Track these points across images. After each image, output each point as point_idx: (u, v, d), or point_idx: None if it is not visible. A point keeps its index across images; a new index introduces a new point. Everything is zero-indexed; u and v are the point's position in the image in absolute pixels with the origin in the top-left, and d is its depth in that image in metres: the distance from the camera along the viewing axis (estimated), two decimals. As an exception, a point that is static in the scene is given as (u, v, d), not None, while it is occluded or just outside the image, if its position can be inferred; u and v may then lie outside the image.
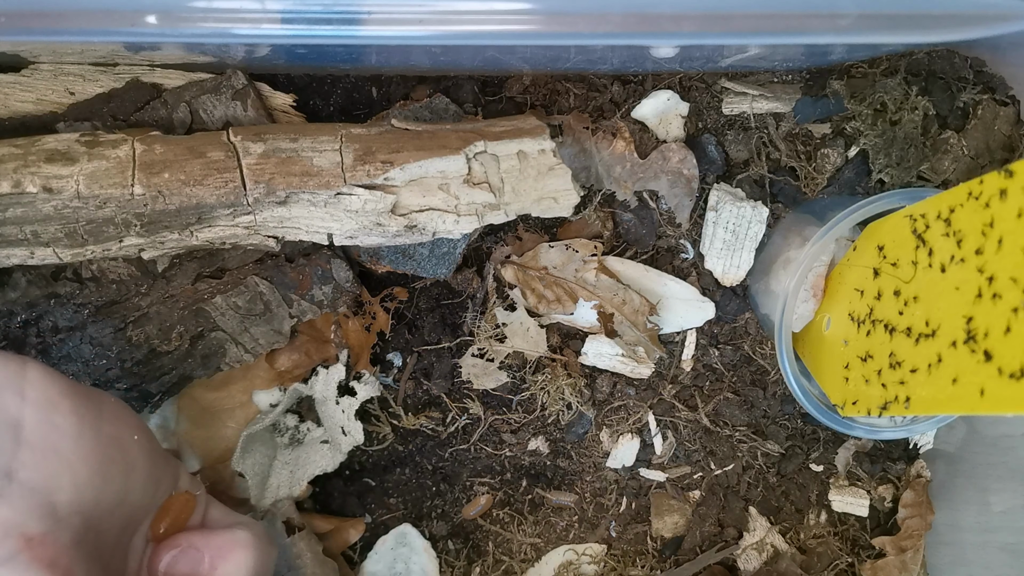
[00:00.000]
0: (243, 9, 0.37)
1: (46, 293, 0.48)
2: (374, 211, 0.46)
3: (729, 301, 0.57)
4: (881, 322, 0.45)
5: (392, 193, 0.46)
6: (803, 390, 0.51)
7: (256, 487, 0.55)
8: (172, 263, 0.50)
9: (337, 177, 0.45)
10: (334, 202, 0.45)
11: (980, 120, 0.53)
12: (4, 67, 0.47)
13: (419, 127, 0.48)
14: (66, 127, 0.47)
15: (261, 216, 0.45)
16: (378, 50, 0.47)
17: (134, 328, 0.48)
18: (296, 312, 0.51)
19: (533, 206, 0.48)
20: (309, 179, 0.45)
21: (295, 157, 0.45)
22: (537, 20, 0.38)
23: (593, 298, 0.54)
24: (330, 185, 0.45)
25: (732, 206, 0.54)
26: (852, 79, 0.54)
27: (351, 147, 0.45)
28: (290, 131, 0.46)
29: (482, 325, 0.56)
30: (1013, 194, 0.35)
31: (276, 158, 0.45)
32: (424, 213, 0.47)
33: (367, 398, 0.55)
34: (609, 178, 0.55)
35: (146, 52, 0.46)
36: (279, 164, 0.45)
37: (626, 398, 0.58)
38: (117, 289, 0.49)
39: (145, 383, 0.49)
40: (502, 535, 0.59)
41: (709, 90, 0.55)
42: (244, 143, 0.45)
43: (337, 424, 0.54)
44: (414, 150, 0.46)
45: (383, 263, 0.53)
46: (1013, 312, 0.34)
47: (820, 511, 0.60)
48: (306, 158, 0.45)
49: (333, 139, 0.46)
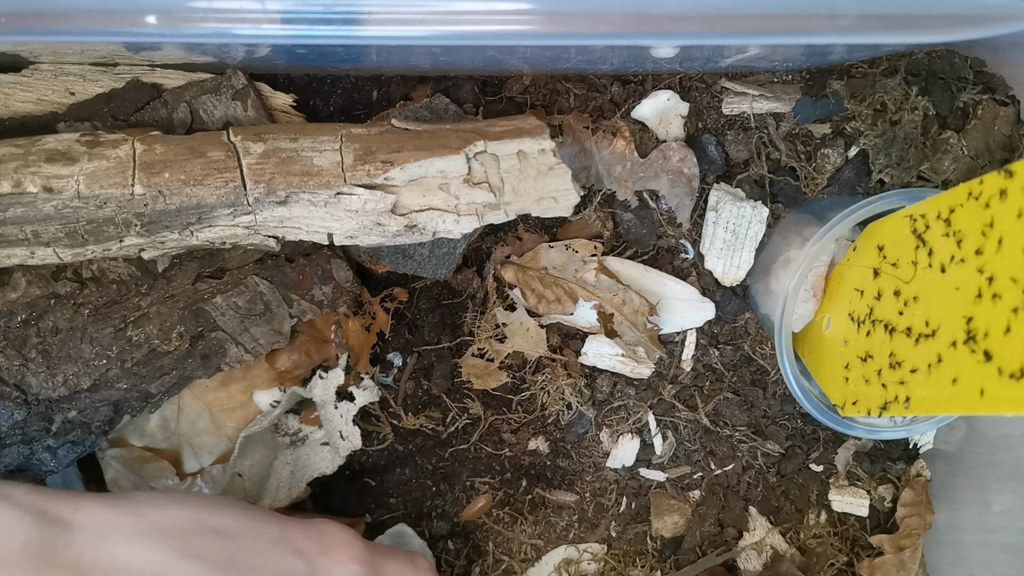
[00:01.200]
0: (243, 9, 0.37)
1: (46, 293, 0.48)
2: (374, 211, 0.46)
3: (729, 301, 0.57)
4: (881, 322, 0.45)
5: (392, 193, 0.46)
6: (803, 390, 0.51)
7: (254, 488, 0.55)
8: (172, 263, 0.50)
9: (337, 177, 0.45)
10: (334, 202, 0.45)
11: (980, 120, 0.53)
12: (4, 67, 0.47)
13: (419, 127, 0.48)
14: (66, 127, 0.47)
15: (261, 216, 0.45)
16: (378, 50, 0.47)
17: (134, 328, 0.48)
18: (296, 312, 0.51)
19: (533, 206, 0.48)
20: (309, 179, 0.45)
21: (295, 157, 0.45)
22: (537, 20, 0.38)
23: (593, 298, 0.54)
24: (330, 185, 0.45)
25: (732, 206, 0.54)
26: (852, 79, 0.54)
27: (351, 147, 0.45)
28: (290, 131, 0.46)
29: (482, 325, 0.56)
30: (1013, 194, 0.35)
31: (276, 158, 0.45)
32: (424, 213, 0.47)
33: (365, 403, 0.55)
34: (609, 178, 0.55)
35: (146, 52, 0.46)
36: (279, 164, 0.45)
37: (626, 398, 0.58)
38: (117, 289, 0.49)
39: (145, 383, 0.49)
40: (502, 535, 0.59)
41: (709, 90, 0.55)
42: (244, 143, 0.45)
43: (336, 428, 0.54)
44: (414, 150, 0.46)
45: (383, 263, 0.53)
46: (1013, 312, 0.34)
47: (820, 511, 0.60)
48: (306, 158, 0.45)
49: (333, 139, 0.46)
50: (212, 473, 0.54)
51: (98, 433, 0.50)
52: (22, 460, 0.49)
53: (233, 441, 0.53)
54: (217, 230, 0.45)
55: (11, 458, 0.48)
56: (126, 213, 0.44)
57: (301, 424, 0.56)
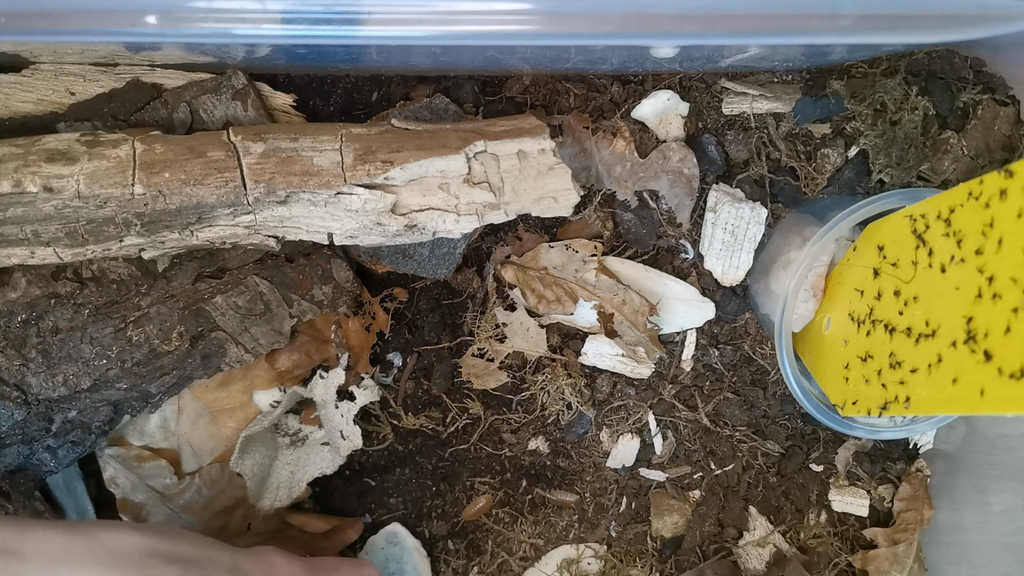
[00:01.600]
0: (243, 9, 0.37)
1: (46, 293, 0.48)
2: (374, 211, 0.46)
3: (729, 301, 0.57)
4: (881, 322, 0.45)
5: (392, 193, 0.46)
6: (803, 390, 0.51)
7: (254, 487, 0.55)
8: (172, 263, 0.50)
9: (337, 177, 0.45)
10: (334, 201, 0.45)
11: (980, 120, 0.53)
12: (4, 67, 0.47)
13: (419, 127, 0.48)
14: (66, 127, 0.47)
15: (261, 216, 0.45)
16: (378, 50, 0.47)
17: (134, 328, 0.48)
18: (296, 312, 0.51)
19: (533, 206, 0.48)
20: (309, 179, 0.45)
21: (295, 157, 0.45)
22: (537, 20, 0.38)
23: (593, 298, 0.54)
24: (330, 185, 0.45)
25: (731, 207, 0.54)
26: (852, 79, 0.54)
27: (351, 147, 0.45)
28: (290, 131, 0.46)
29: (482, 325, 0.56)
30: (1013, 194, 0.35)
31: (276, 158, 0.45)
32: (424, 213, 0.47)
33: (366, 403, 0.55)
34: (609, 178, 0.55)
35: (146, 52, 0.46)
36: (279, 164, 0.45)
37: (626, 398, 0.58)
38: (117, 289, 0.49)
39: (145, 383, 0.49)
40: (502, 535, 0.59)
41: (709, 90, 0.55)
42: (244, 143, 0.45)
43: (336, 428, 0.54)
44: (414, 149, 0.46)
45: (383, 263, 0.53)
46: (1013, 312, 0.34)
47: (820, 511, 0.60)
48: (306, 158, 0.45)
49: (333, 139, 0.46)
50: (211, 473, 0.54)
51: (98, 433, 0.50)
52: (22, 460, 0.49)
53: (233, 441, 0.53)
54: (217, 230, 0.45)
55: (11, 458, 0.48)
56: (126, 213, 0.44)
57: (301, 424, 0.56)
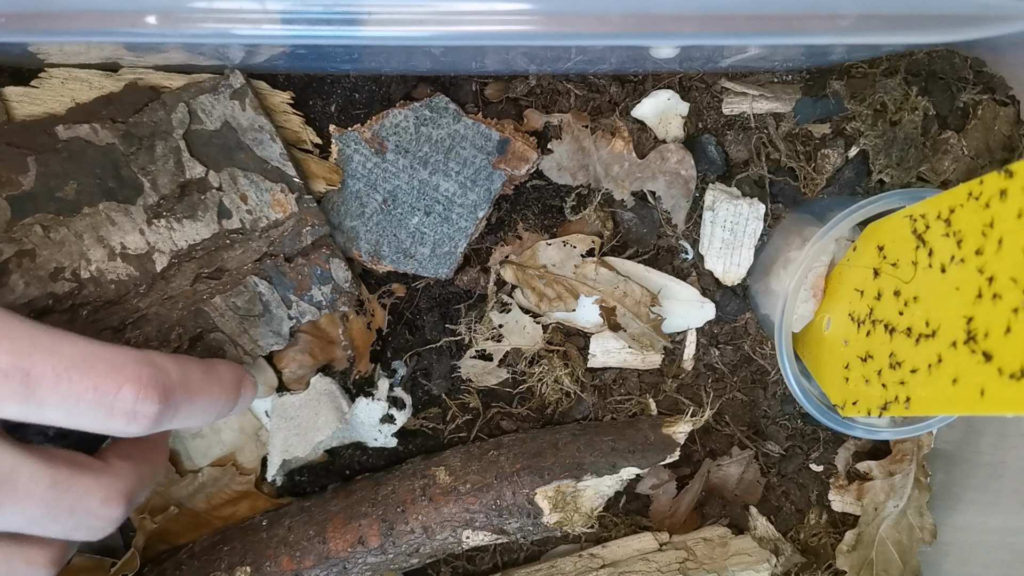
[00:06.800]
0: (243, 9, 0.36)
1: (44, 293, 0.47)
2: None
3: (729, 301, 0.57)
4: (881, 322, 0.45)
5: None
6: (803, 390, 0.51)
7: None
8: (171, 263, 0.50)
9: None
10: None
11: (980, 120, 0.53)
12: (13, 72, 0.47)
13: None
14: (65, 130, 0.47)
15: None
16: (378, 50, 0.47)
17: (132, 329, 0.48)
18: (295, 314, 0.51)
19: None
20: None
21: None
22: (537, 20, 0.38)
23: (594, 293, 0.54)
24: None
25: (728, 204, 0.54)
26: (852, 79, 0.54)
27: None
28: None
29: (482, 325, 0.56)
30: (1013, 194, 0.35)
31: None
32: None
33: (404, 422, 0.56)
34: (607, 177, 0.55)
35: (147, 54, 0.46)
36: None
37: (629, 392, 0.58)
38: (116, 289, 0.49)
39: (145, 384, 0.49)
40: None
41: (709, 90, 0.55)
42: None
43: (371, 437, 0.56)
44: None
45: (384, 263, 0.53)
46: (1013, 312, 0.34)
47: (820, 511, 0.60)
48: None
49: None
50: (212, 474, 0.54)
51: (96, 437, 0.50)
52: (21, 461, 0.49)
53: (231, 444, 0.53)
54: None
55: (10, 459, 0.48)
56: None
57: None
